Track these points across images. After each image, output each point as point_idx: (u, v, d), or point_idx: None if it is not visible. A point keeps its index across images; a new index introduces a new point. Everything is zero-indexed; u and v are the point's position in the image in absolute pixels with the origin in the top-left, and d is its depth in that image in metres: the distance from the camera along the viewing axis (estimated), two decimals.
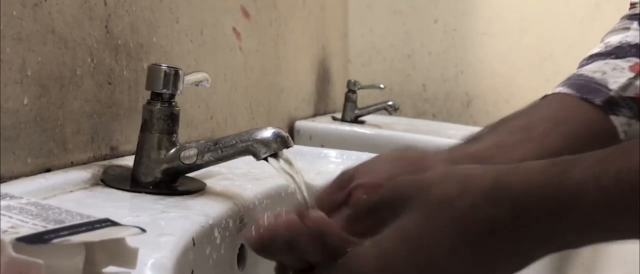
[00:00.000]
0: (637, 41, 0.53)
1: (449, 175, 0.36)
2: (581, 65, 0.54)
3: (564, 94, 0.51)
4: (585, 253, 0.75)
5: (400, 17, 1.67)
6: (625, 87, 0.51)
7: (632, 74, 0.51)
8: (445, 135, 1.23)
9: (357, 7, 1.68)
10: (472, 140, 0.50)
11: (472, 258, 0.34)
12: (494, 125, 0.51)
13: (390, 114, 1.45)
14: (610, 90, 0.50)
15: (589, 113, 0.50)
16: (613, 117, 0.50)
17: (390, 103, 1.43)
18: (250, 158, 0.50)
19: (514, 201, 0.33)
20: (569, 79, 0.53)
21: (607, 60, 0.52)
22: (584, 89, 0.51)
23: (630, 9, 0.56)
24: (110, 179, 0.50)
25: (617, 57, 0.52)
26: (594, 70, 0.52)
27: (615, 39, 0.54)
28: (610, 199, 0.31)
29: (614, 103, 0.50)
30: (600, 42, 0.55)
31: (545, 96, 0.53)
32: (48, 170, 0.49)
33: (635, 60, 0.52)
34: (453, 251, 0.34)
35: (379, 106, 1.42)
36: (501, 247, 0.34)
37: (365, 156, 0.78)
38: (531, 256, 0.35)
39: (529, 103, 0.52)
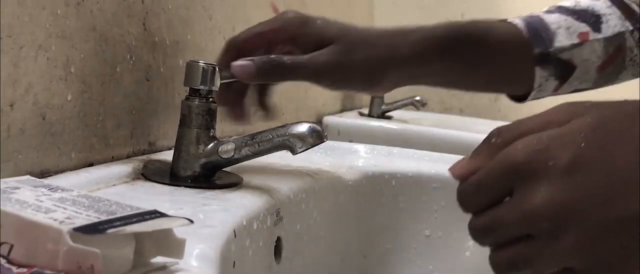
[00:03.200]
0: (599, 13, 0.58)
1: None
2: (548, 10, 0.59)
3: (518, 28, 0.57)
4: None
5: (426, 11, 1.66)
6: (564, 49, 0.56)
7: (577, 41, 0.56)
8: (474, 130, 1.23)
9: (383, 3, 1.68)
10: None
11: None
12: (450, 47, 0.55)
13: (417, 109, 1.45)
14: (551, 46, 0.56)
15: (522, 54, 0.56)
16: (537, 68, 0.56)
17: (417, 98, 1.43)
18: (283, 153, 0.51)
19: None
20: (530, 16, 0.58)
21: (567, 18, 0.58)
22: (534, 32, 0.57)
23: None
24: (151, 173, 0.51)
25: (577, 19, 0.57)
26: (552, 21, 0.57)
27: (585, 2, 0.59)
28: None
29: (546, 58, 0.56)
30: None
31: (505, 20, 0.58)
32: (90, 164, 0.50)
33: (587, 28, 0.57)
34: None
35: (406, 101, 1.42)
36: None
37: (396, 151, 0.78)
38: None
39: (490, 21, 0.58)
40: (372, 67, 0.54)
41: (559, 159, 0.32)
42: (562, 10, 0.59)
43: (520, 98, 0.61)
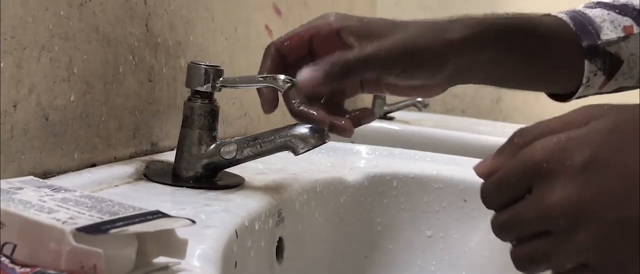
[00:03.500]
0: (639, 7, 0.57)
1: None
2: (588, 5, 0.58)
3: (564, 22, 0.56)
4: None
5: (429, 12, 1.66)
6: (611, 43, 0.55)
7: (622, 34, 0.56)
8: (475, 131, 1.23)
9: (385, 4, 1.68)
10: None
11: None
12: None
13: (419, 110, 1.45)
14: (599, 39, 0.55)
15: (571, 47, 0.55)
16: (586, 62, 0.55)
17: (419, 99, 1.43)
18: (285, 154, 0.51)
19: None
20: (573, 11, 0.57)
21: (610, 12, 0.57)
22: (580, 26, 0.56)
23: None
24: (153, 174, 0.51)
25: (619, 13, 0.57)
26: (596, 15, 0.56)
27: None
28: None
29: (595, 51, 0.55)
30: None
31: (549, 15, 0.57)
32: (93, 165, 0.51)
33: (630, 22, 0.56)
34: None
35: (407, 102, 1.42)
36: None
37: (398, 152, 0.78)
38: None
39: (537, 15, 0.57)
40: (438, 49, 0.50)
41: (576, 159, 0.33)
42: (602, 5, 0.58)
43: (563, 98, 0.59)
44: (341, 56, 0.48)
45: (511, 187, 0.36)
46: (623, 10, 0.57)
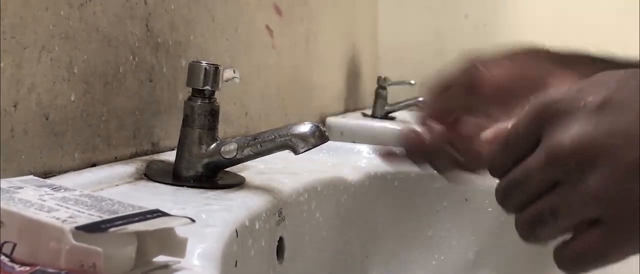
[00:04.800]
0: None
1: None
2: None
3: None
4: None
5: (431, 12, 1.66)
6: None
7: None
8: None
9: (387, 3, 1.68)
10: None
11: None
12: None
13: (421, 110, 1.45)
14: None
15: None
16: None
17: (420, 99, 1.42)
18: (285, 154, 0.51)
19: None
20: None
21: None
22: None
23: None
24: (153, 174, 0.51)
25: None
26: None
27: None
28: None
29: None
30: None
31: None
32: (93, 165, 0.51)
33: None
34: None
35: (409, 102, 1.42)
36: None
37: (399, 151, 0.78)
38: None
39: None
40: None
41: (591, 99, 0.31)
42: None
43: None
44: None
45: (519, 139, 0.33)
46: None
